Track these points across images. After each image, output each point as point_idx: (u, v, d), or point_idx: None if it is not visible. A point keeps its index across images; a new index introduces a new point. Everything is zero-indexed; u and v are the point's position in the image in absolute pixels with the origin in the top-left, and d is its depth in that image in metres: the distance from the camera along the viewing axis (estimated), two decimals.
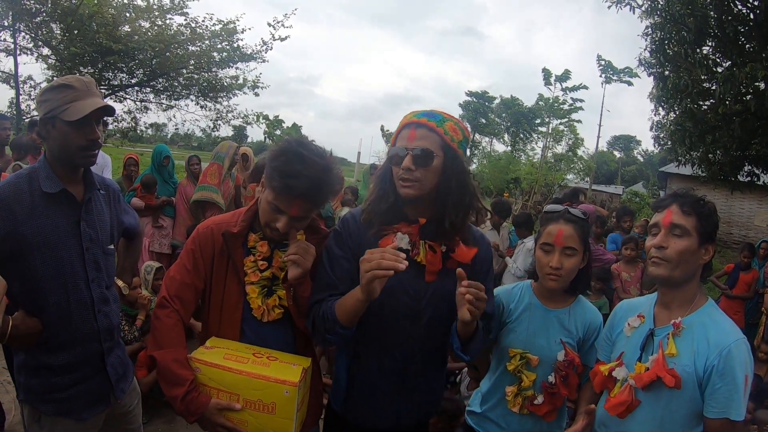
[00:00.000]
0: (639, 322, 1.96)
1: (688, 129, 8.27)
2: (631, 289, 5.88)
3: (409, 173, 1.77)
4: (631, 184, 42.55)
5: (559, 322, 2.17)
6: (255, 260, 1.98)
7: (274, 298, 1.98)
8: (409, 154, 1.77)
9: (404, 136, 1.83)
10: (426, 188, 1.81)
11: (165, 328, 1.92)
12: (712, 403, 1.71)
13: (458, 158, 1.84)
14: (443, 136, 1.80)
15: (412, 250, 1.86)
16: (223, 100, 13.05)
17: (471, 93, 52.41)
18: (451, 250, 1.90)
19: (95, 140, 1.98)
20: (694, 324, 1.81)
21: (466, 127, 1.92)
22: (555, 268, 2.06)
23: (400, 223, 1.88)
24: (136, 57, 11.19)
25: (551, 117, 39.50)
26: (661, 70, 8.42)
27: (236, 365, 1.79)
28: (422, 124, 1.80)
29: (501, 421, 2.24)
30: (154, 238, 6.19)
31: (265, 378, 1.75)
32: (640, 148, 66.72)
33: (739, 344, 1.71)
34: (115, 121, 13.07)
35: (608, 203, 27.31)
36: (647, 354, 1.86)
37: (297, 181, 1.80)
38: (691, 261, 1.82)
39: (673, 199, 1.87)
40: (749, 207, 18.62)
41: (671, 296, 1.89)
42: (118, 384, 2.22)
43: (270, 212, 1.89)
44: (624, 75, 35.84)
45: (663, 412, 1.79)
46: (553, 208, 2.20)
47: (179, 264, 2.03)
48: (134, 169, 6.58)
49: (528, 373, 2.14)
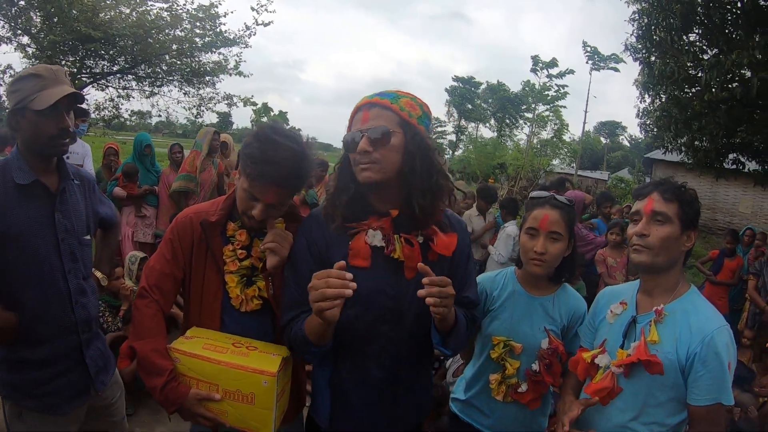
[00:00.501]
0: (621, 309, 1.95)
1: (674, 116, 8.29)
2: (616, 274, 5.90)
3: (366, 156, 1.64)
4: (617, 170, 42.84)
5: (543, 309, 2.15)
6: (234, 249, 1.94)
7: (253, 289, 1.94)
8: (364, 136, 1.64)
9: (358, 120, 1.70)
10: (387, 170, 1.66)
11: (145, 318, 1.90)
12: (695, 390, 1.70)
13: (419, 134, 1.69)
14: (399, 113, 1.67)
15: (387, 247, 1.72)
16: (206, 85, 12.90)
17: (457, 78, 52.24)
18: (429, 239, 1.75)
19: (65, 129, 1.94)
20: (676, 311, 1.80)
21: (424, 102, 1.76)
22: (539, 253, 2.04)
23: (370, 218, 1.73)
24: (117, 44, 11.01)
25: (537, 103, 39.58)
26: (648, 56, 8.43)
27: (215, 355, 1.76)
28: (375, 104, 1.68)
29: (485, 408, 2.23)
30: (137, 228, 6.13)
31: (243, 368, 1.72)
32: (626, 134, 67.19)
33: (721, 331, 1.70)
34: (98, 110, 12.89)
35: (594, 189, 27.48)
36: (629, 341, 1.86)
37: (271, 168, 1.74)
38: (674, 248, 1.81)
39: (654, 186, 1.87)
40: (734, 193, 18.82)
41: (653, 283, 1.88)
42: (98, 376, 2.19)
43: (246, 200, 1.84)
44: (610, 61, 35.91)
45: (645, 398, 1.79)
46: (539, 194, 2.18)
47: (158, 254, 2.00)
48: (114, 158, 6.48)
49: (512, 361, 2.13)
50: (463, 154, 42.07)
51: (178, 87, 12.70)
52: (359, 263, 1.70)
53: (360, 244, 1.71)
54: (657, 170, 21.90)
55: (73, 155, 5.77)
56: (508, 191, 24.03)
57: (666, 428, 1.79)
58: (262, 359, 1.77)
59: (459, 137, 52.36)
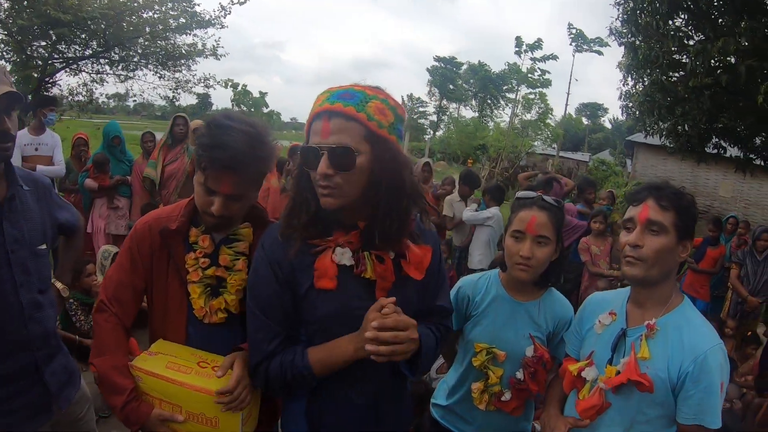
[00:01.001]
0: (610, 320, 1.86)
1: (657, 100, 8.26)
2: (600, 262, 5.89)
3: (327, 180, 1.42)
4: (598, 152, 43.01)
5: (528, 315, 2.06)
6: (196, 257, 1.81)
7: (219, 301, 1.81)
8: (323, 154, 1.41)
9: (317, 131, 1.45)
10: (352, 194, 1.46)
11: (103, 333, 1.80)
12: (684, 409, 1.63)
13: (390, 149, 1.46)
14: (367, 123, 1.42)
15: (357, 266, 1.54)
16: (181, 68, 12.60)
17: (439, 58, 52.10)
18: (401, 255, 1.58)
19: (5, 132, 1.76)
20: (668, 325, 1.71)
21: (397, 103, 1.51)
22: (525, 257, 1.94)
23: (335, 234, 1.54)
24: (89, 27, 10.66)
25: (520, 84, 39.54)
26: (633, 40, 8.34)
27: (178, 376, 1.65)
28: (337, 112, 1.41)
29: (467, 416, 2.16)
30: (110, 220, 5.95)
31: (206, 392, 1.61)
32: (608, 115, 67.51)
33: (715, 350, 1.62)
34: (71, 95, 12.54)
35: (575, 170, 27.61)
36: (619, 355, 1.76)
37: (222, 152, 1.59)
38: (668, 259, 1.70)
39: (649, 191, 1.74)
40: (714, 178, 19.00)
41: (645, 295, 1.78)
42: (62, 393, 2.05)
43: (203, 195, 1.70)
44: (594, 45, 35.85)
45: (633, 414, 1.71)
46: (526, 194, 2.07)
47: (117, 263, 1.87)
48: (84, 149, 6.26)
49: (495, 369, 2.04)
50: (444, 135, 42.16)
51: (153, 71, 12.39)
52: (326, 285, 1.52)
53: (326, 264, 1.52)
54: (638, 153, 22.05)
55: (42, 146, 5.60)
56: (489, 172, 24.05)
57: None
58: (227, 383, 1.65)
59: (440, 117, 52.37)
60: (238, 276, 1.81)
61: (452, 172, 14.40)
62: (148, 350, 1.79)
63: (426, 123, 54.57)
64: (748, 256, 6.35)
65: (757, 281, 6.17)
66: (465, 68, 51.23)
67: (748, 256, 6.35)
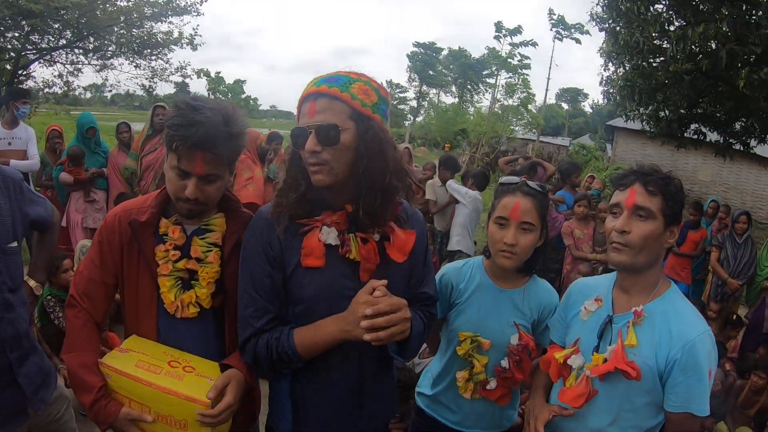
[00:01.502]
0: (596, 306, 1.83)
1: (638, 86, 8.25)
2: (583, 246, 5.93)
3: (315, 156, 1.49)
4: (578, 136, 43.28)
5: (513, 303, 2.04)
6: (166, 249, 1.75)
7: (190, 294, 1.75)
8: (311, 132, 1.49)
9: (305, 112, 1.53)
10: (340, 171, 1.52)
11: (73, 329, 1.77)
12: (672, 396, 1.62)
13: (374, 127, 1.52)
14: (351, 102, 1.49)
15: (342, 246, 1.59)
16: (157, 57, 12.39)
17: (419, 44, 51.87)
18: (385, 237, 1.63)
19: None
20: (655, 312, 1.69)
21: (380, 85, 1.59)
22: (509, 244, 1.90)
23: (323, 214, 1.60)
24: (62, 17, 10.44)
25: (500, 69, 39.58)
26: (613, 26, 8.32)
27: (147, 376, 1.61)
28: (322, 93, 1.50)
29: (452, 405, 2.14)
30: (87, 213, 5.79)
31: (175, 394, 1.57)
32: (588, 100, 67.99)
33: (703, 337, 1.60)
34: (47, 86, 12.31)
35: (555, 155, 27.75)
36: (605, 343, 1.74)
37: (193, 130, 1.57)
38: (655, 246, 1.67)
39: (636, 176, 1.70)
40: (694, 162, 19.21)
41: (632, 281, 1.75)
42: (36, 394, 1.99)
43: (176, 180, 1.65)
44: (575, 31, 35.88)
45: (620, 402, 1.70)
46: (510, 180, 2.02)
47: (87, 258, 1.82)
48: (59, 141, 6.10)
49: (479, 357, 2.02)
50: (424, 120, 42.23)
51: (129, 60, 12.18)
52: (312, 263, 1.57)
53: (313, 243, 1.58)
54: (619, 137, 22.22)
55: (16, 140, 5.48)
56: (470, 157, 24.08)
57: (642, 431, 1.71)
58: (197, 384, 1.62)
59: (420, 103, 52.35)
60: (210, 268, 1.76)
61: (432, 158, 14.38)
62: (119, 347, 1.75)
63: (406, 109, 54.61)
64: (727, 239, 6.42)
65: (737, 264, 6.25)
66: (445, 54, 51.15)
67: (727, 239, 6.42)
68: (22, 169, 5.39)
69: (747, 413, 4.50)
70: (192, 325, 1.79)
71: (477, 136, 27.62)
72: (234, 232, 1.79)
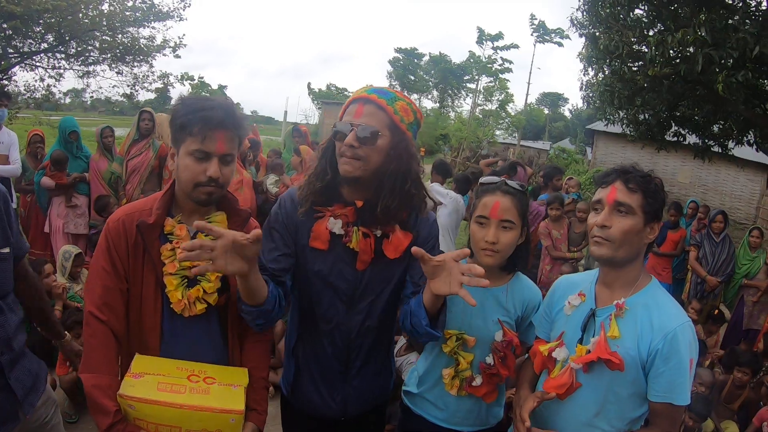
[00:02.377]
0: (579, 300, 1.88)
1: (617, 90, 8.36)
2: (561, 246, 6.08)
3: (351, 150, 1.72)
4: (559, 140, 43.67)
5: (496, 300, 2.07)
6: (173, 248, 1.76)
7: (197, 289, 1.76)
8: (353, 130, 1.71)
9: (351, 112, 1.77)
10: (369, 168, 1.75)
11: (89, 349, 1.73)
12: (655, 386, 1.67)
13: (405, 140, 1.78)
14: (392, 116, 1.75)
15: (345, 236, 1.83)
16: (140, 64, 12.28)
17: (400, 49, 51.92)
18: (386, 236, 1.85)
19: None
20: (637, 305, 1.74)
21: (418, 108, 1.86)
22: (491, 242, 1.94)
23: (335, 206, 1.83)
24: (43, 20, 10.32)
25: (481, 74, 39.81)
26: (593, 31, 8.42)
27: (174, 398, 1.60)
28: (371, 101, 1.75)
29: (439, 402, 2.16)
30: (68, 219, 5.74)
31: (209, 410, 1.60)
32: (568, 105, 68.59)
33: (684, 328, 1.66)
34: (28, 91, 12.14)
35: (536, 159, 27.98)
36: (588, 335, 1.79)
37: (210, 112, 1.69)
38: (636, 240, 1.72)
39: (617, 174, 1.76)
40: (673, 164, 19.56)
41: (614, 276, 1.80)
42: (27, 398, 1.96)
43: (194, 165, 1.70)
44: (555, 35, 36.28)
45: (605, 393, 1.74)
46: (490, 179, 2.07)
47: (96, 269, 1.79)
48: (40, 146, 6.02)
49: (465, 354, 2.05)
50: None
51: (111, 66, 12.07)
52: (318, 245, 1.83)
53: (321, 228, 1.82)
54: (598, 141, 22.56)
55: None
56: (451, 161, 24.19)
57: (627, 422, 1.75)
58: (224, 395, 1.66)
59: None
60: None
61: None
62: (130, 371, 1.69)
63: None
64: (705, 238, 6.56)
65: (715, 261, 6.39)
66: (426, 59, 51.29)
67: (705, 238, 6.56)
68: (3, 174, 5.34)
69: (731, 407, 4.60)
70: (196, 325, 1.80)
71: (458, 141, 27.75)
72: (235, 229, 1.80)
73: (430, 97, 51.76)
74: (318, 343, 1.94)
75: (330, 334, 1.92)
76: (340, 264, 1.85)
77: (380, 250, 1.85)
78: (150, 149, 5.88)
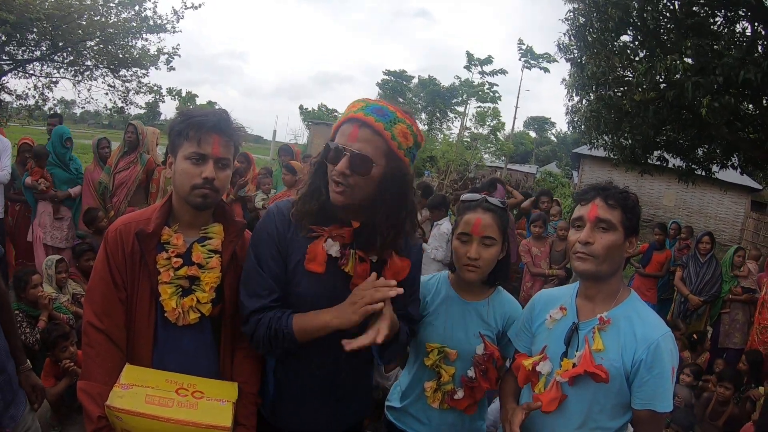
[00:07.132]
0: (561, 314, 1.91)
1: (603, 116, 8.52)
2: (541, 263, 6.19)
3: (342, 178, 1.63)
4: (545, 164, 44.11)
5: (478, 314, 2.11)
6: (168, 257, 1.78)
7: (191, 298, 1.77)
8: (346, 155, 1.62)
9: (345, 133, 1.66)
10: (358, 197, 1.68)
11: (87, 358, 1.76)
12: (639, 395, 1.72)
13: (401, 168, 1.70)
14: (389, 142, 1.64)
15: (341, 259, 1.75)
16: (133, 78, 12.27)
17: (389, 72, 52.17)
18: (382, 261, 1.80)
19: None
20: (619, 318, 1.79)
21: (419, 131, 1.75)
22: (472, 258, 1.98)
23: (331, 225, 1.75)
24: (37, 27, 10.29)
25: (470, 98, 40.12)
26: (579, 57, 8.55)
27: (161, 411, 1.60)
28: (368, 124, 1.63)
29: (421, 416, 2.18)
30: (46, 231, 5.72)
31: (195, 425, 1.60)
32: (554, 129, 69.30)
33: (666, 337, 1.72)
34: (20, 98, 12.04)
35: (523, 182, 28.20)
36: (573, 349, 1.82)
37: (206, 117, 1.74)
38: (617, 255, 1.78)
39: (596, 192, 1.81)
40: (658, 188, 19.85)
41: (595, 290, 1.85)
42: (7, 412, 1.97)
43: (192, 168, 1.74)
44: (543, 60, 36.75)
45: (590, 404, 1.78)
46: (471, 197, 2.11)
47: (96, 279, 1.79)
48: (29, 155, 5.96)
49: (447, 368, 2.08)
50: None
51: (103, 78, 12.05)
52: (314, 268, 1.73)
53: (318, 249, 1.73)
54: (584, 165, 22.79)
55: None
56: (438, 184, 24.28)
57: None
58: (212, 410, 1.66)
59: None
60: (212, 273, 1.81)
61: None
62: (119, 382, 1.68)
63: None
64: (691, 259, 6.66)
65: (699, 281, 6.46)
66: (415, 82, 51.60)
67: (691, 259, 6.66)
68: None
69: (716, 425, 4.63)
70: (189, 335, 1.81)
71: (446, 163, 27.85)
72: (231, 241, 1.87)
73: (419, 120, 51.74)
74: (306, 364, 1.84)
75: (319, 356, 1.82)
76: (333, 287, 1.75)
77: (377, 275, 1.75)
78: (138, 163, 5.88)
